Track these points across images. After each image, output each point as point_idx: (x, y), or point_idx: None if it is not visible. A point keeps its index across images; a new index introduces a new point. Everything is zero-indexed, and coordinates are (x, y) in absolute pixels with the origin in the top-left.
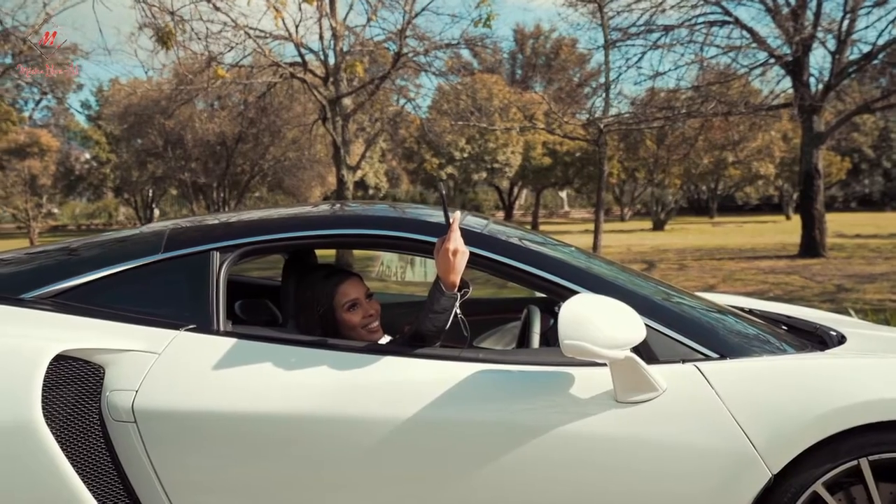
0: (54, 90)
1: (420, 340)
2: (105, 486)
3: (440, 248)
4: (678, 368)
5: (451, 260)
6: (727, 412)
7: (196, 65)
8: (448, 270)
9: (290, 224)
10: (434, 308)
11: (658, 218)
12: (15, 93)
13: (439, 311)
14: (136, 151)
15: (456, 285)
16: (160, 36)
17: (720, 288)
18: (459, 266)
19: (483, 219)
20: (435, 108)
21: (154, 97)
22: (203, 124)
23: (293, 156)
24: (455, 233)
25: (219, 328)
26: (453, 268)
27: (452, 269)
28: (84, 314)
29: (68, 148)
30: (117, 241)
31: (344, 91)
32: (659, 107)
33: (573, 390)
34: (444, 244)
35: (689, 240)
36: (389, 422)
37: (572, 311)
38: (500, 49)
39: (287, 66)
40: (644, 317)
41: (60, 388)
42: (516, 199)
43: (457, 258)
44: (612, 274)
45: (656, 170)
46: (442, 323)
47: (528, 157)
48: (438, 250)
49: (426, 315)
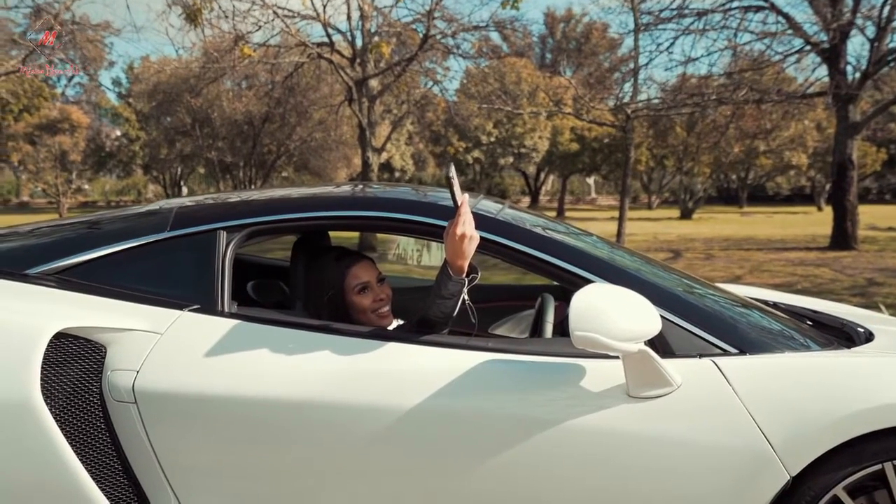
0: (86, 67)
1: (428, 326)
2: (104, 467)
3: (449, 231)
4: (694, 363)
5: (459, 244)
6: (744, 410)
7: (224, 43)
8: (456, 255)
9: (299, 205)
10: (441, 293)
11: (686, 206)
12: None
13: (447, 296)
14: (165, 129)
15: (464, 270)
16: (189, 13)
17: (747, 279)
18: (468, 251)
19: (498, 203)
20: (463, 92)
21: (183, 75)
22: (230, 103)
23: (319, 137)
24: (463, 216)
25: (223, 309)
26: (462, 252)
27: (461, 254)
28: (88, 291)
29: (99, 125)
30: (126, 217)
31: (371, 72)
32: (689, 93)
33: (584, 383)
34: (453, 228)
35: (716, 229)
36: (392, 411)
37: (584, 301)
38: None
39: (314, 47)
40: (660, 308)
41: (60, 367)
42: (542, 184)
43: (465, 243)
44: (630, 263)
45: (685, 158)
46: (450, 309)
47: (556, 142)
48: (448, 234)
49: (433, 300)
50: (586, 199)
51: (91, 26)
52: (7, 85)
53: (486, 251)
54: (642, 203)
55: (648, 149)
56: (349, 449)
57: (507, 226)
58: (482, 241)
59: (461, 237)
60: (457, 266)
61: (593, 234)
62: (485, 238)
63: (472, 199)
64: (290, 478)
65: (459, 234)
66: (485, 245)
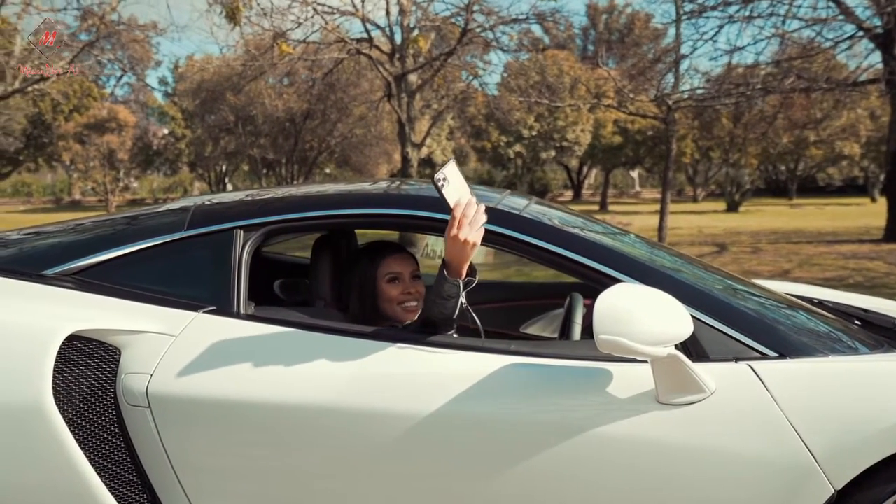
0: (134, 67)
1: (431, 327)
2: (116, 472)
3: (447, 233)
4: (730, 367)
5: (454, 247)
6: (784, 418)
7: (264, 41)
8: (453, 257)
9: (317, 203)
10: (440, 294)
11: (732, 199)
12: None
13: (445, 297)
14: (209, 127)
15: (462, 272)
16: (228, 11)
17: (795, 273)
18: (465, 254)
19: (524, 199)
20: (503, 85)
21: (225, 73)
22: (272, 101)
23: (360, 132)
24: (458, 218)
25: (239, 311)
26: (458, 255)
27: (457, 257)
28: (104, 292)
29: (147, 123)
30: (145, 216)
31: (410, 67)
32: (735, 83)
33: (611, 388)
34: (448, 230)
35: (764, 222)
36: (408, 416)
37: (609, 302)
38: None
39: (353, 42)
40: (694, 309)
41: (73, 370)
42: (585, 178)
43: (459, 246)
44: (662, 261)
45: (732, 149)
46: (449, 310)
47: (598, 135)
48: (446, 236)
49: (433, 301)
50: (630, 193)
51: (138, 27)
52: (58, 86)
53: (510, 249)
54: (687, 196)
55: (693, 140)
56: (364, 454)
57: (531, 222)
58: (505, 238)
59: (454, 239)
60: (453, 267)
61: (631, 233)
62: (507, 235)
63: (497, 195)
64: (305, 483)
65: (452, 236)
66: (508, 243)
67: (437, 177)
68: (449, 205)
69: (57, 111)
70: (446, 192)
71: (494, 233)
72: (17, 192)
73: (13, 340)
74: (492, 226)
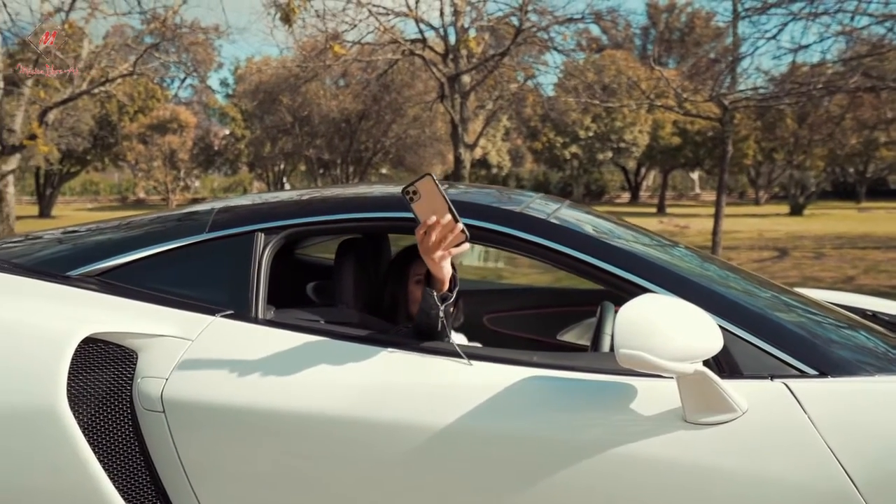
0: (197, 69)
1: (422, 336)
2: (131, 477)
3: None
4: (764, 386)
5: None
6: (822, 443)
7: (320, 43)
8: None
9: (338, 206)
10: (422, 305)
11: (796, 202)
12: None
13: (426, 308)
14: (267, 128)
15: (442, 284)
16: (283, 13)
17: (860, 280)
18: (436, 271)
19: (555, 202)
20: (560, 86)
21: (282, 75)
22: (327, 102)
23: (414, 133)
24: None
25: (257, 315)
26: (432, 270)
27: (431, 271)
28: (124, 294)
29: (209, 124)
30: (171, 218)
31: (463, 68)
32: (799, 82)
33: (636, 405)
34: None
35: (829, 226)
36: (423, 429)
37: (632, 314)
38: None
39: (407, 43)
40: (728, 322)
41: (89, 373)
42: (643, 179)
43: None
44: (698, 269)
45: (796, 151)
46: (433, 321)
47: (657, 136)
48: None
49: (420, 309)
50: (689, 195)
51: (200, 29)
52: (123, 88)
53: (534, 255)
54: (749, 199)
55: (756, 142)
56: (379, 466)
57: (556, 228)
58: (530, 244)
59: (423, 255)
60: (432, 280)
61: (665, 239)
62: (531, 241)
63: (524, 198)
64: (318, 492)
65: (421, 252)
66: (532, 249)
67: (405, 189)
68: (419, 220)
69: (122, 112)
70: (416, 207)
71: (516, 237)
72: (86, 191)
73: (29, 342)
74: (513, 230)
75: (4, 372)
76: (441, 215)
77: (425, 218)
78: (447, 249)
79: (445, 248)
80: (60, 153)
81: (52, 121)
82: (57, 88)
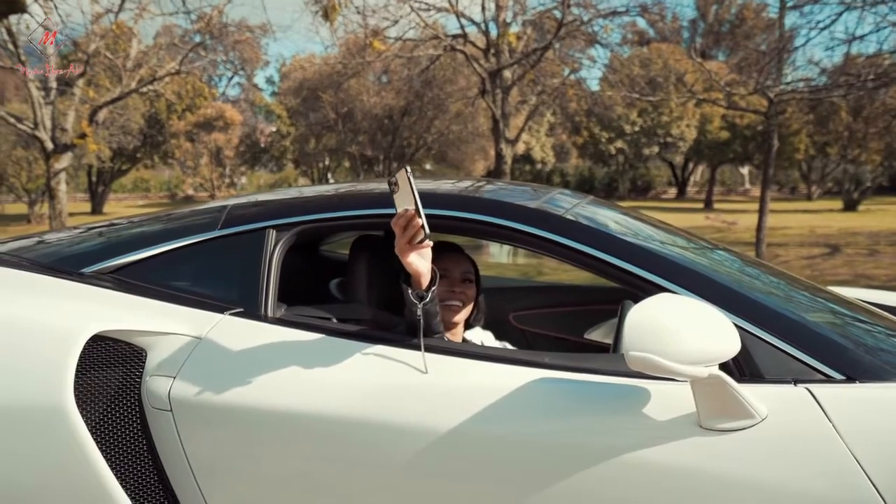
0: (244, 67)
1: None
2: (137, 476)
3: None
4: (786, 391)
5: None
6: (847, 452)
7: (361, 39)
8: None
9: (349, 202)
10: (406, 301)
11: (850, 197)
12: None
13: (409, 306)
14: (311, 125)
15: (419, 281)
16: (324, 10)
17: None
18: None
19: (575, 198)
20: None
21: (325, 72)
22: (370, 98)
23: (456, 129)
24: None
25: (266, 314)
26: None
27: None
28: (136, 292)
29: (255, 122)
30: (185, 215)
31: (505, 63)
32: (852, 73)
33: (647, 409)
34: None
35: (885, 222)
36: (430, 431)
37: (642, 315)
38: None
39: (448, 39)
40: (750, 322)
41: (97, 371)
42: (691, 175)
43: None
44: (720, 267)
45: (851, 144)
46: (414, 317)
47: (704, 130)
48: None
49: (406, 307)
50: (739, 191)
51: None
52: (172, 87)
53: (549, 253)
54: (801, 194)
55: (808, 136)
56: (386, 467)
57: (572, 225)
58: (545, 241)
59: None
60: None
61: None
62: (545, 238)
63: (544, 194)
64: (325, 492)
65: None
66: (546, 246)
67: (390, 180)
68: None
69: (171, 111)
70: (396, 199)
71: (528, 234)
72: (137, 188)
73: (37, 339)
74: (525, 226)
75: (12, 369)
76: (409, 209)
77: (400, 210)
78: (410, 244)
79: (406, 242)
80: (111, 151)
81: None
82: (108, 88)
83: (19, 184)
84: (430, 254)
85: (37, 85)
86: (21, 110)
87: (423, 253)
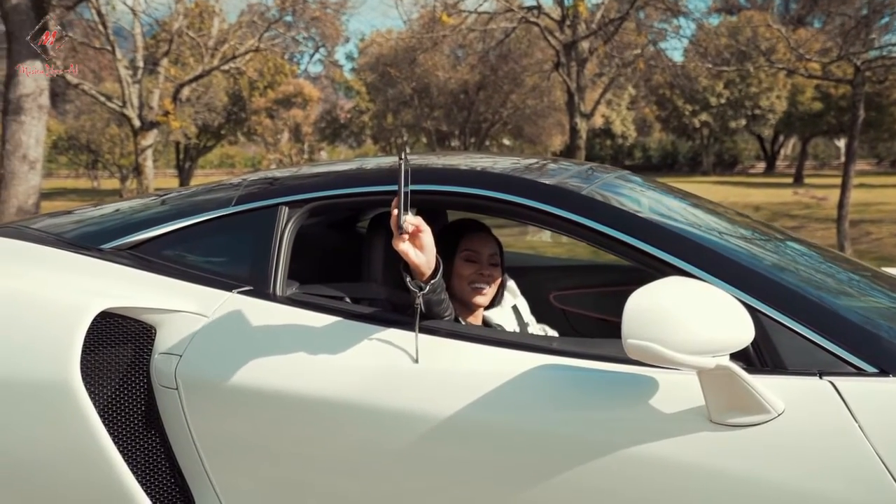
0: (324, 44)
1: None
2: (143, 454)
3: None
4: (809, 384)
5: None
6: (871, 451)
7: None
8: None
9: (362, 178)
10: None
11: None
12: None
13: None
14: (387, 100)
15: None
16: None
17: None
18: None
19: (607, 173)
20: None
21: (401, 47)
22: (445, 73)
23: (532, 103)
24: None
25: (275, 292)
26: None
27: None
28: (149, 269)
29: (336, 98)
30: (203, 191)
31: (581, 34)
32: None
33: (654, 401)
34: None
35: None
36: (434, 417)
37: (642, 300)
38: None
39: (522, 11)
40: (773, 308)
41: (105, 348)
42: (781, 148)
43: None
44: (748, 248)
45: None
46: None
47: (796, 101)
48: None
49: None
50: (832, 164)
51: (324, 2)
52: (254, 64)
53: (566, 233)
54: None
55: None
56: (389, 450)
57: (591, 203)
58: (563, 220)
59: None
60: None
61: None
62: (563, 217)
63: (566, 168)
64: (326, 470)
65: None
66: (563, 226)
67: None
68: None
69: (253, 88)
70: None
71: (548, 213)
72: (223, 164)
73: (45, 314)
74: (541, 204)
75: (21, 344)
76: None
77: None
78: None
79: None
80: (197, 128)
81: (186, 97)
82: (192, 67)
83: (113, 160)
84: (430, 246)
85: (125, 64)
86: (114, 90)
87: (420, 244)
